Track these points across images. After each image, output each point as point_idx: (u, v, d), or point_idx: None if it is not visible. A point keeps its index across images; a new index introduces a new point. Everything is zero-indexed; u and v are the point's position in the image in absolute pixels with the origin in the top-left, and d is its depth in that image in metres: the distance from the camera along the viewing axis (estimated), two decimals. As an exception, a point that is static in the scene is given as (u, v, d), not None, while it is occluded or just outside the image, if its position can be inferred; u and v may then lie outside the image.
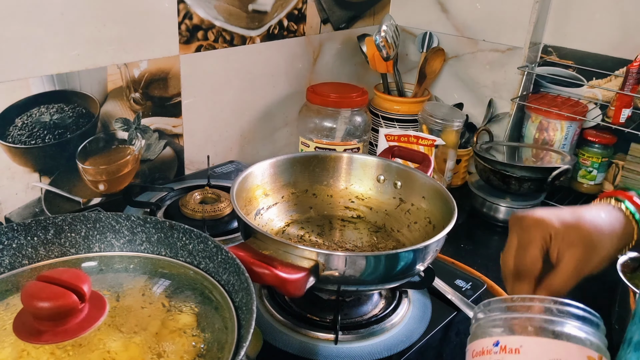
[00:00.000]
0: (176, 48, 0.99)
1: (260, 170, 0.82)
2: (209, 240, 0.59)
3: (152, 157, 1.05)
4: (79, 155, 0.93)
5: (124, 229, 0.61)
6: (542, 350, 0.42)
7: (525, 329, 0.43)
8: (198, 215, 0.91)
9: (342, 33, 1.31)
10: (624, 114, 1.08)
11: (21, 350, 0.46)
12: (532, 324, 0.43)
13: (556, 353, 0.41)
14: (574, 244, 0.53)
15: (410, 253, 0.64)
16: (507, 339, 0.43)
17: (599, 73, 1.16)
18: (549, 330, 0.42)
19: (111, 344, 0.48)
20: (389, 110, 1.27)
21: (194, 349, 0.49)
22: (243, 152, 1.21)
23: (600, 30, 1.14)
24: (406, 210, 0.84)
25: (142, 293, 0.55)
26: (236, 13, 1.06)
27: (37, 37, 0.82)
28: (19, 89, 0.83)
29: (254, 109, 1.19)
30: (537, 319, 0.43)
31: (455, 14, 1.30)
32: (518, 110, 1.24)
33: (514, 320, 0.44)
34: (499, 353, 0.43)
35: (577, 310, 0.44)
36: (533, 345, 0.42)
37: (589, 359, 0.41)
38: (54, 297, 0.46)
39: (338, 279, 0.63)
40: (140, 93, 0.98)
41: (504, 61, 1.25)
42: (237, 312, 0.52)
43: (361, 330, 0.71)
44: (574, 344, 0.42)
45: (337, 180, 0.88)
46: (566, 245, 0.53)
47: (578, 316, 0.43)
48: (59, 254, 0.59)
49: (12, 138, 0.85)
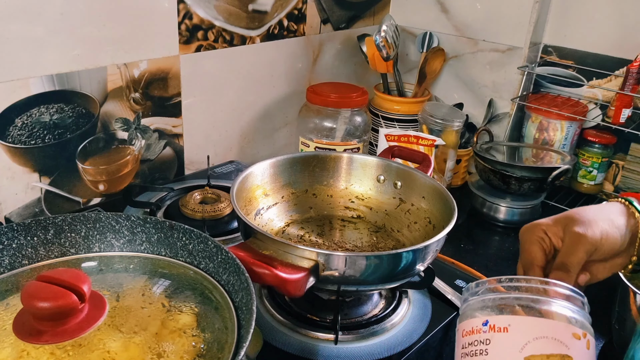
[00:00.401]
0: (176, 48, 0.99)
1: (260, 170, 0.82)
2: (209, 240, 0.59)
3: (152, 157, 1.05)
4: (79, 155, 0.93)
5: (124, 229, 0.61)
6: (530, 328, 0.43)
7: (513, 309, 0.44)
8: (198, 215, 0.91)
9: (342, 33, 1.31)
10: (624, 114, 1.08)
11: (21, 350, 0.46)
12: (519, 304, 0.45)
13: (543, 331, 0.43)
14: (568, 225, 0.57)
15: (410, 253, 0.64)
16: (496, 319, 0.44)
17: (599, 73, 1.16)
18: (536, 309, 0.44)
19: (111, 344, 0.48)
20: (389, 110, 1.27)
21: (194, 349, 0.49)
22: (243, 152, 1.21)
23: (600, 30, 1.14)
24: (406, 210, 0.84)
25: (142, 293, 0.55)
26: (236, 13, 1.06)
27: (37, 37, 0.82)
28: (19, 89, 0.83)
29: (253, 109, 1.19)
30: (524, 298, 0.45)
31: (455, 14, 1.30)
32: (518, 110, 1.24)
33: (502, 301, 0.45)
34: (488, 332, 0.44)
35: (562, 290, 0.46)
36: (521, 324, 0.43)
37: (574, 336, 0.43)
38: (54, 297, 0.46)
39: (338, 279, 0.63)
40: (140, 93, 0.98)
41: (504, 61, 1.25)
42: (237, 312, 0.52)
43: (361, 330, 0.71)
44: (560, 322, 0.43)
45: (337, 180, 0.88)
46: (562, 229, 0.58)
47: (564, 295, 0.45)
48: (59, 254, 0.59)
49: (12, 138, 0.85)
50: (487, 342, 0.44)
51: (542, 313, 0.44)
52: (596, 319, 0.80)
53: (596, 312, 0.81)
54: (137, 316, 0.52)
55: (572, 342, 0.43)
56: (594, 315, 0.80)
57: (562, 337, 0.43)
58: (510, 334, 0.43)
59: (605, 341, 0.76)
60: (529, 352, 0.42)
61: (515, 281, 0.46)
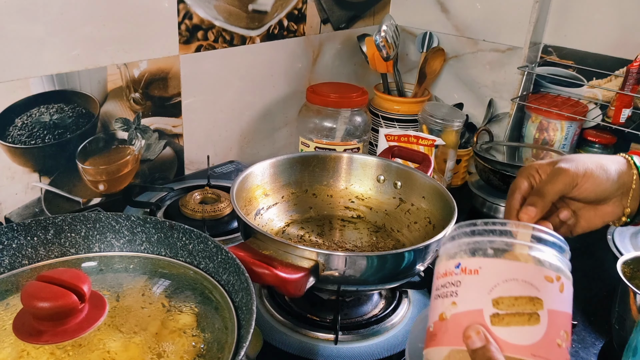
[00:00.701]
0: (176, 48, 0.99)
1: (260, 170, 0.82)
2: (209, 240, 0.59)
3: (152, 157, 1.05)
4: (78, 155, 0.93)
5: (124, 229, 0.61)
6: (500, 271, 0.43)
7: (485, 252, 0.44)
8: (198, 215, 0.91)
9: (342, 33, 1.31)
10: (624, 114, 1.08)
11: (21, 350, 0.46)
12: (492, 247, 0.44)
13: (513, 273, 0.43)
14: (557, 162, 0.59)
15: (411, 253, 0.64)
16: (467, 261, 0.44)
17: (599, 73, 1.16)
18: (509, 252, 0.44)
19: (111, 344, 0.48)
20: (389, 110, 1.27)
21: (194, 349, 0.49)
22: (243, 152, 1.21)
23: (600, 30, 1.14)
24: (406, 210, 0.84)
25: (142, 293, 0.55)
26: (236, 13, 1.06)
27: (37, 37, 0.82)
28: (19, 89, 0.83)
29: (253, 109, 1.19)
30: (497, 241, 0.44)
31: (455, 14, 1.30)
32: (518, 110, 1.24)
33: (476, 244, 0.45)
34: (459, 274, 0.44)
35: (538, 233, 0.45)
36: (491, 267, 0.43)
37: (546, 279, 0.42)
38: (54, 297, 0.46)
39: (338, 279, 0.63)
40: (140, 93, 0.98)
41: (504, 61, 1.25)
42: (237, 312, 0.52)
43: (361, 330, 0.71)
44: (531, 265, 0.43)
45: (337, 180, 0.88)
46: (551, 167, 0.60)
47: (539, 238, 0.45)
48: (59, 254, 0.59)
49: (12, 138, 0.85)
50: (457, 284, 0.44)
51: (515, 256, 0.43)
52: (596, 319, 0.80)
53: (596, 312, 0.82)
54: (137, 316, 0.52)
55: (543, 284, 0.42)
56: (594, 315, 0.81)
57: (532, 280, 0.42)
58: (480, 276, 0.43)
59: (606, 341, 0.76)
60: (497, 294, 0.42)
61: (490, 225, 0.46)
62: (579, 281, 0.96)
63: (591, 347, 0.75)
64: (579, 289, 0.68)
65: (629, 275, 0.74)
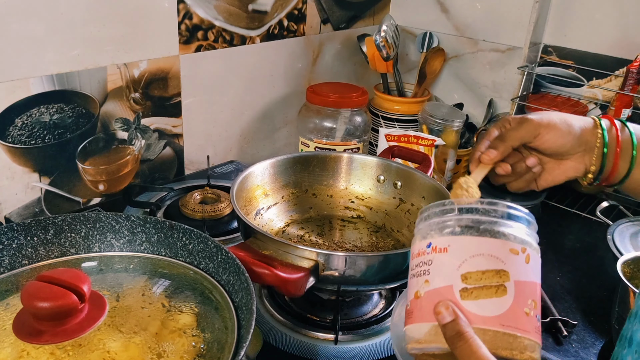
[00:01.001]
0: (176, 48, 0.99)
1: (260, 170, 0.82)
2: (209, 240, 0.59)
3: (152, 157, 1.05)
4: (78, 155, 0.93)
5: (124, 229, 0.61)
6: (467, 247, 0.45)
7: (453, 230, 0.46)
8: (198, 215, 0.91)
9: (342, 33, 1.31)
10: (624, 114, 1.08)
11: (21, 350, 0.46)
12: (459, 224, 0.46)
13: (479, 248, 0.44)
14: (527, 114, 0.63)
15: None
16: (437, 240, 0.46)
17: (599, 73, 1.16)
18: (475, 229, 0.45)
19: (111, 344, 0.48)
20: (389, 110, 1.27)
21: (194, 349, 0.49)
22: (243, 152, 1.21)
23: (600, 30, 1.14)
24: (406, 210, 0.84)
25: (142, 293, 0.55)
26: (236, 13, 1.06)
27: (37, 37, 0.82)
28: (19, 89, 0.83)
29: (253, 109, 1.19)
30: (464, 219, 0.46)
31: (455, 14, 1.30)
32: (518, 110, 1.24)
33: (445, 223, 0.47)
34: (430, 253, 0.46)
35: (503, 209, 0.46)
36: (459, 244, 0.45)
37: (511, 251, 0.44)
38: (54, 297, 0.46)
39: (338, 279, 0.63)
40: (140, 93, 0.98)
41: (504, 61, 1.25)
42: (237, 312, 0.52)
43: (361, 330, 0.72)
44: (497, 239, 0.45)
45: (337, 180, 0.88)
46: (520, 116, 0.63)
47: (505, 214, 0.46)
48: (58, 254, 0.59)
49: (12, 138, 0.85)
50: (429, 263, 0.46)
51: (480, 231, 0.45)
52: (596, 319, 0.80)
53: (596, 312, 0.82)
54: (137, 316, 0.52)
55: (508, 257, 0.44)
56: (594, 315, 0.81)
57: (498, 254, 0.44)
58: (449, 254, 0.45)
59: (606, 341, 0.76)
60: (465, 269, 0.44)
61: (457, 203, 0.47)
62: (579, 281, 0.96)
63: (591, 347, 0.75)
64: (579, 289, 0.68)
65: (629, 275, 0.74)
